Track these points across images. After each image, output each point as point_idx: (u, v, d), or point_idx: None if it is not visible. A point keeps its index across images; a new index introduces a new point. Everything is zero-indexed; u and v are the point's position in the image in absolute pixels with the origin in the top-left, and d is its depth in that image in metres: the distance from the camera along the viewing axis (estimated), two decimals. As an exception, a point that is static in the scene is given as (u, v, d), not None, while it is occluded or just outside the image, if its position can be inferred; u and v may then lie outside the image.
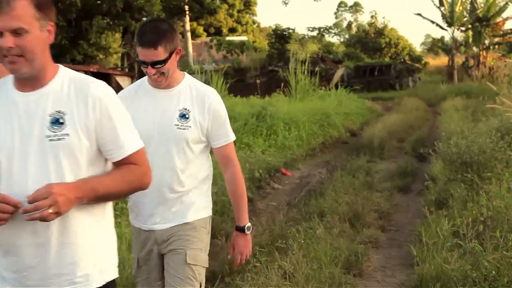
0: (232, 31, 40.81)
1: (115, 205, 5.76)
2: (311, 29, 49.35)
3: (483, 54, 31.93)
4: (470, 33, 32.65)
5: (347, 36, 59.56)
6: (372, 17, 52.93)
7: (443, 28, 32.83)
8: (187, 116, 2.66)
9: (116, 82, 15.74)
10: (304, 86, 17.43)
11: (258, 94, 18.96)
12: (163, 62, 2.58)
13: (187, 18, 26.95)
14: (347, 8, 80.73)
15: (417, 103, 19.94)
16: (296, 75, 17.52)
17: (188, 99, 2.69)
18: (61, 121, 1.85)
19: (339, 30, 66.81)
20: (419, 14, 32.77)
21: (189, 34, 29.15)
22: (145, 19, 18.71)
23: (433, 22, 32.58)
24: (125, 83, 15.98)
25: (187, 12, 24.75)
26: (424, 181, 7.41)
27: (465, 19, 32.49)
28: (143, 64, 2.60)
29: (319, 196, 6.86)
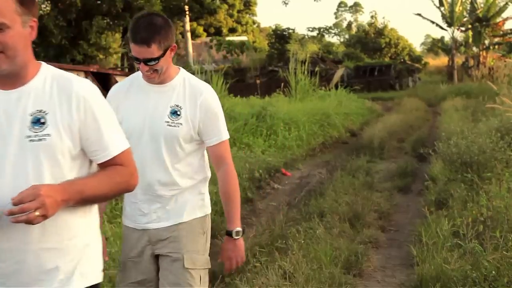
0: (232, 31, 40.80)
1: (115, 205, 5.69)
2: (311, 29, 49.37)
3: (483, 54, 31.94)
4: (470, 33, 32.66)
5: (347, 36, 59.52)
6: (372, 17, 52.89)
7: (443, 28, 32.85)
8: (178, 113, 2.57)
9: (116, 82, 15.70)
10: (304, 86, 17.43)
11: (258, 94, 18.97)
12: (156, 59, 2.48)
13: (187, 18, 26.96)
14: (347, 8, 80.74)
15: (417, 103, 19.94)
16: (296, 75, 17.52)
17: (181, 95, 2.59)
18: (42, 121, 1.77)
19: (339, 30, 66.78)
20: (419, 14, 32.80)
21: (189, 34, 29.15)
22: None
23: (433, 22, 32.59)
24: (125, 83, 15.93)
25: (187, 12, 24.76)
26: (424, 181, 7.41)
27: (465, 19, 32.50)
28: (136, 60, 2.52)
29: (319, 196, 6.85)
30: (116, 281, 2.72)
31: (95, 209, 1.93)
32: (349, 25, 74.00)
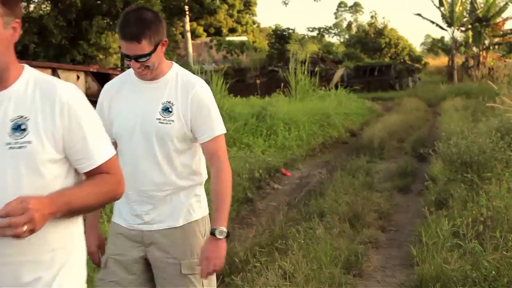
0: (232, 31, 40.82)
1: (111, 204, 5.64)
2: (311, 29, 49.43)
3: (483, 54, 31.96)
4: (470, 33, 32.69)
5: (347, 36, 59.55)
6: (372, 17, 52.88)
7: (443, 28, 32.87)
8: (170, 109, 2.47)
9: (116, 82, 15.72)
10: (304, 86, 17.43)
11: (258, 94, 18.97)
12: (147, 55, 2.38)
13: (187, 18, 26.94)
14: (347, 8, 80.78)
15: (417, 103, 19.93)
16: (296, 75, 17.51)
17: (173, 90, 2.49)
18: (23, 127, 1.67)
19: (339, 30, 66.83)
20: (419, 14, 32.82)
21: (189, 34, 29.13)
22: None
23: (433, 22, 32.62)
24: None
25: (187, 12, 24.75)
26: (424, 181, 7.41)
27: (465, 19, 32.52)
28: (127, 57, 2.41)
29: (319, 196, 6.86)
30: (96, 278, 2.59)
31: (79, 218, 1.83)
32: (349, 25, 74.03)
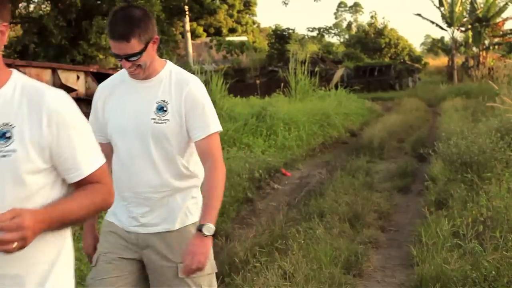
0: (232, 31, 40.83)
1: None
2: (311, 29, 49.39)
3: (483, 54, 31.96)
4: (470, 33, 32.69)
5: (347, 36, 59.55)
6: (372, 17, 52.85)
7: (443, 29, 32.87)
8: (165, 108, 2.42)
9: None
10: (304, 86, 17.42)
11: (258, 95, 18.95)
12: (138, 54, 2.33)
13: (187, 19, 26.92)
14: (347, 8, 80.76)
15: (417, 104, 19.93)
16: (296, 75, 17.51)
17: (167, 89, 2.45)
18: (8, 135, 1.59)
19: (339, 30, 66.81)
20: (419, 15, 32.84)
21: (189, 35, 29.13)
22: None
23: (433, 23, 32.62)
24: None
25: (187, 13, 24.74)
26: (424, 182, 7.41)
27: (465, 19, 32.52)
28: (117, 57, 2.36)
29: (319, 197, 6.86)
30: (87, 278, 2.52)
31: (68, 230, 1.77)
32: (349, 25, 74.02)
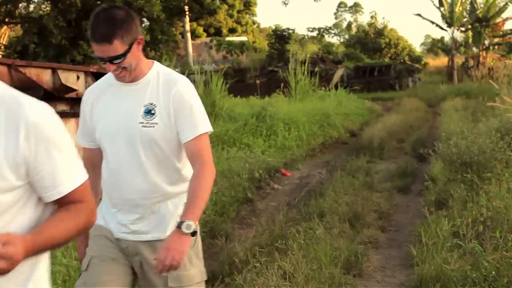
0: (232, 31, 40.82)
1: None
2: (311, 29, 49.46)
3: (483, 54, 31.96)
4: (470, 33, 32.69)
5: (347, 36, 59.56)
6: (372, 17, 52.84)
7: (443, 29, 32.88)
8: (153, 111, 2.34)
9: (116, 82, 15.69)
10: (304, 86, 17.42)
11: (258, 95, 18.95)
12: (122, 56, 2.25)
13: (187, 19, 26.93)
14: (347, 8, 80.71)
15: (417, 104, 19.93)
16: (296, 76, 17.51)
17: (155, 90, 2.37)
18: None
19: (339, 30, 66.82)
20: (419, 15, 32.90)
21: (189, 35, 29.14)
22: (144, 19, 18.64)
23: (433, 23, 32.63)
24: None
25: (187, 13, 24.74)
26: (424, 182, 7.41)
27: (465, 19, 32.52)
28: (101, 60, 2.27)
29: (319, 197, 6.86)
30: (75, 285, 2.44)
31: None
32: (349, 25, 74.00)
